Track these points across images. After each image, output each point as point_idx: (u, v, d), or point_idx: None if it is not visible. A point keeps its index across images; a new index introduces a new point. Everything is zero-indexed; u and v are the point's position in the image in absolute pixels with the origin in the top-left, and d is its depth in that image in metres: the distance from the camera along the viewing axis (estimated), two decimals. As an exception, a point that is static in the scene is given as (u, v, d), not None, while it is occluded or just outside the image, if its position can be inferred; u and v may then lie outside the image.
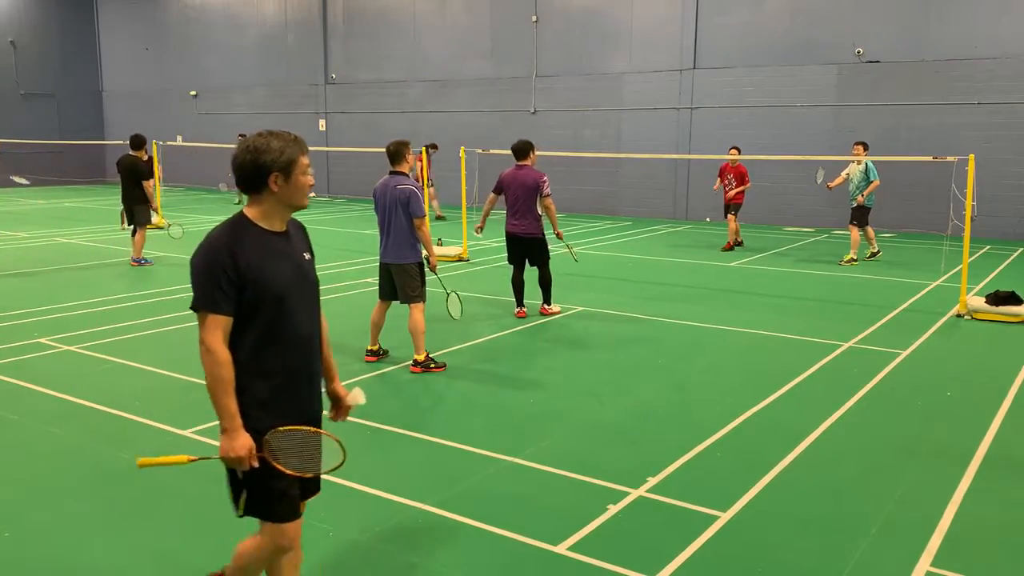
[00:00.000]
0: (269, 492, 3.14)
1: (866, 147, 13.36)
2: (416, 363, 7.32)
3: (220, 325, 2.95)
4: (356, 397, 3.48)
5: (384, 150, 7.46)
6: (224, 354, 2.96)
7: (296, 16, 26.94)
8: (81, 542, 4.37)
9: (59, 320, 9.22)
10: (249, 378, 3.04)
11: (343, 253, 14.27)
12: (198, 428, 5.89)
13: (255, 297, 2.99)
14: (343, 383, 3.66)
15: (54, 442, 5.73)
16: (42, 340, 8.28)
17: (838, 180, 13.61)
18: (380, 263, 7.48)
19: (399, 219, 7.21)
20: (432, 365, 7.33)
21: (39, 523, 4.56)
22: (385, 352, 7.76)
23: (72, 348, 8.04)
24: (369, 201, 19.15)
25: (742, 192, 14.82)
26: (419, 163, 18.58)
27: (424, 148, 15.03)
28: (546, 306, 9.60)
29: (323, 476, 3.36)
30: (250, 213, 3.10)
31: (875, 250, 13.82)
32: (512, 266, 9.54)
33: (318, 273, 3.55)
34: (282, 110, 27.49)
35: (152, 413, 6.19)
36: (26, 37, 30.16)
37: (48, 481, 5.11)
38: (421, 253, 7.36)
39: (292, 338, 3.13)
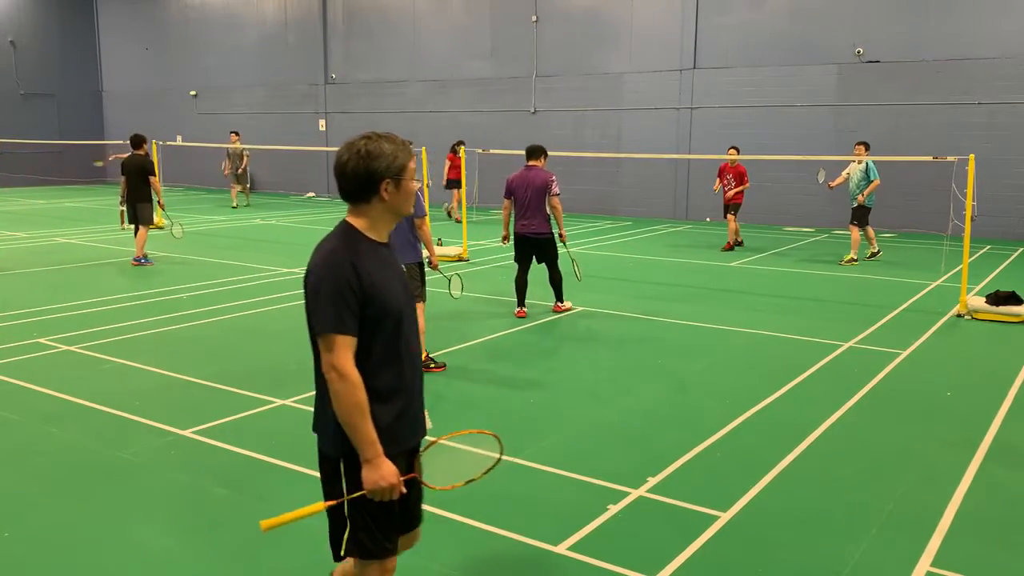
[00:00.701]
0: (380, 527, 2.93)
1: (867, 147, 13.36)
2: None
3: (350, 346, 2.73)
4: (424, 422, 3.17)
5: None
6: (358, 377, 2.73)
7: (296, 16, 26.94)
8: (81, 542, 4.37)
9: (59, 320, 9.22)
10: (373, 403, 2.80)
11: (343, 253, 14.25)
12: (198, 428, 5.90)
13: (377, 314, 2.78)
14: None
15: (54, 442, 5.73)
16: (42, 340, 8.28)
17: (839, 180, 13.61)
18: None
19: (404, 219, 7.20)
20: (432, 365, 7.32)
21: (39, 523, 4.56)
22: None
23: (72, 348, 8.04)
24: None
25: (741, 192, 14.82)
26: (448, 163, 18.63)
27: (457, 146, 15.14)
28: (559, 304, 9.66)
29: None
30: (357, 223, 2.86)
31: (875, 250, 13.82)
32: (517, 265, 9.56)
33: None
34: (282, 110, 27.49)
35: (152, 413, 6.19)
36: (26, 37, 30.16)
37: (48, 481, 5.11)
38: (421, 253, 7.35)
39: (408, 356, 2.93)
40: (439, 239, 14.23)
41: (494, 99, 23.20)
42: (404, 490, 2.85)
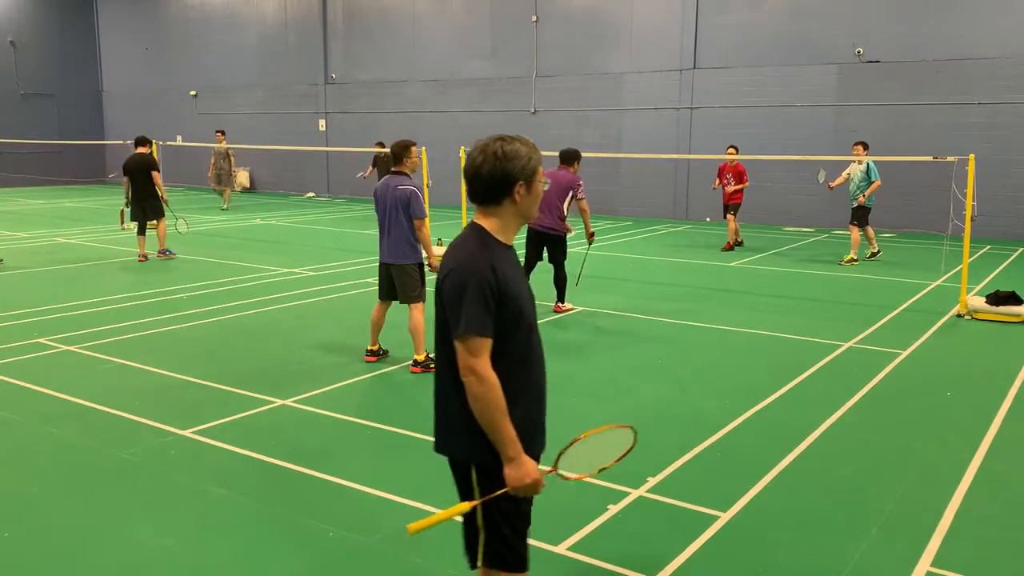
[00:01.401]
0: (519, 535, 2.91)
1: (866, 147, 13.35)
2: (416, 363, 7.31)
3: (488, 349, 2.70)
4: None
5: (385, 150, 7.51)
6: (496, 379, 2.70)
7: (296, 16, 26.94)
8: (81, 542, 4.37)
9: (59, 320, 9.22)
10: (508, 407, 2.76)
11: (343, 253, 14.27)
12: (198, 428, 5.90)
13: (513, 316, 2.76)
14: (343, 383, 3.66)
15: (54, 442, 5.73)
16: (42, 340, 8.28)
17: (839, 180, 13.61)
18: (380, 263, 7.48)
19: (399, 220, 7.20)
20: (432, 365, 7.27)
21: (39, 523, 4.56)
22: (385, 352, 7.75)
23: (72, 348, 8.04)
24: (369, 200, 19.22)
25: (741, 191, 14.82)
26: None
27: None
28: (560, 304, 9.71)
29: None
30: (487, 225, 2.84)
31: (875, 250, 13.81)
32: (525, 261, 9.62)
33: (320, 273, 3.51)
34: (282, 110, 27.49)
35: (152, 413, 6.19)
36: (26, 37, 30.16)
37: (48, 481, 5.11)
38: (421, 254, 7.36)
39: (538, 359, 2.91)
40: (439, 239, 14.22)
41: (494, 99, 23.20)
42: (544, 485, 2.82)
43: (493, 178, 2.79)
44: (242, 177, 28.28)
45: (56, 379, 7.01)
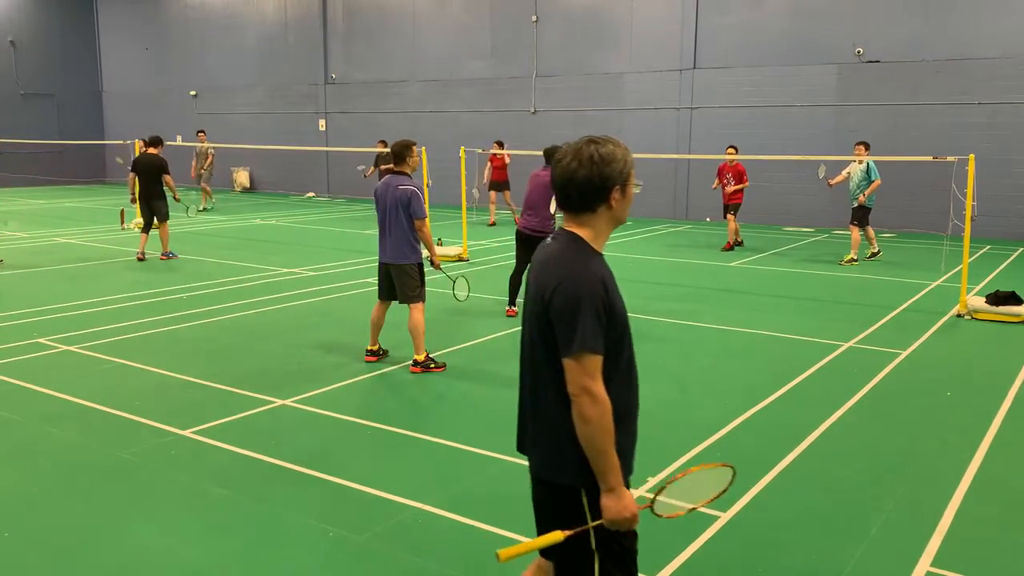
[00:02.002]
0: (631, 555, 2.77)
1: (867, 147, 13.35)
2: (416, 363, 7.30)
3: (600, 367, 2.54)
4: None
5: (385, 150, 7.50)
6: (608, 400, 2.56)
7: (296, 16, 26.94)
8: (81, 542, 4.37)
9: (59, 320, 9.22)
10: (615, 429, 2.62)
11: (343, 253, 14.27)
12: (198, 428, 5.90)
13: (620, 332, 2.63)
14: (343, 383, 3.66)
15: (54, 442, 5.73)
16: (42, 340, 8.28)
17: (839, 178, 13.60)
18: (379, 263, 7.47)
19: (399, 220, 7.19)
20: (432, 365, 7.31)
21: (39, 523, 4.56)
22: (385, 352, 7.75)
23: (72, 348, 8.04)
24: (369, 201, 19.14)
25: (741, 191, 14.82)
26: (488, 165, 18.71)
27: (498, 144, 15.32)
28: None
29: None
30: (583, 234, 2.69)
31: (875, 250, 13.81)
32: (516, 262, 9.61)
33: (320, 273, 3.49)
34: (282, 110, 27.49)
35: (152, 413, 6.19)
36: (26, 37, 30.16)
37: (48, 481, 5.11)
38: (421, 254, 7.34)
39: (637, 378, 2.79)
40: (439, 239, 14.22)
41: (494, 99, 23.19)
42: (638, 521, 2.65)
43: (590, 184, 2.62)
44: (242, 177, 28.27)
45: (56, 379, 7.01)
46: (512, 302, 9.59)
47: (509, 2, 22.68)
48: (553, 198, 9.30)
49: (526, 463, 5.34)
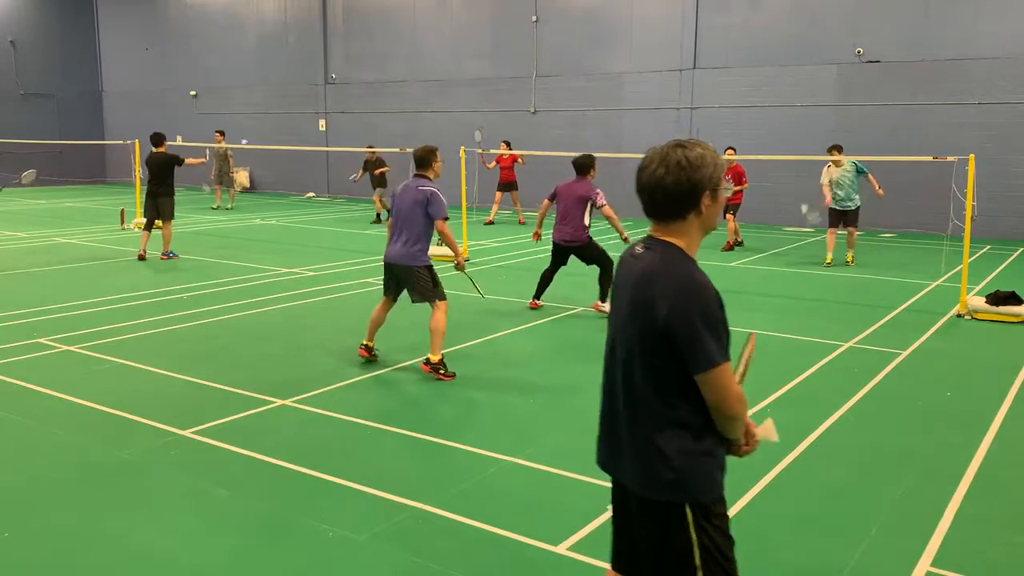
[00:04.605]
0: (732, 568, 2.75)
1: (840, 149, 13.27)
2: (428, 362, 7.14)
3: (732, 371, 2.56)
4: (768, 431, 2.94)
5: (385, 150, 7.47)
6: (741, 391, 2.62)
7: (296, 16, 26.94)
8: (81, 542, 4.36)
9: (59, 320, 9.21)
10: (714, 439, 2.63)
11: (343, 253, 14.27)
12: (198, 428, 5.90)
13: (727, 340, 2.58)
14: (343, 383, 3.65)
15: (54, 442, 5.73)
16: (42, 340, 8.28)
17: (827, 197, 13.30)
18: (384, 261, 7.36)
19: (414, 220, 7.07)
20: (442, 371, 7.09)
21: (39, 523, 4.56)
22: (375, 355, 7.59)
23: (72, 348, 8.04)
24: (367, 201, 18.98)
25: (741, 192, 14.86)
26: (497, 163, 18.73)
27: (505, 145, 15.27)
28: (599, 303, 9.64)
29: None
30: (677, 243, 2.60)
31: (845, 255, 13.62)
32: (550, 263, 9.78)
33: (320, 273, 3.48)
34: (282, 110, 27.50)
35: (152, 413, 6.19)
36: (26, 37, 30.16)
37: (48, 481, 5.11)
38: (428, 256, 7.20)
39: None
40: (439, 240, 14.20)
41: (494, 99, 23.19)
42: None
43: (679, 190, 2.52)
44: (242, 177, 28.26)
45: (56, 379, 7.01)
46: (537, 296, 9.70)
47: (509, 2, 22.68)
48: (587, 209, 9.36)
49: (527, 463, 5.36)
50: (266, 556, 4.20)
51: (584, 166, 9.64)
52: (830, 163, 13.27)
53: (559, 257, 9.73)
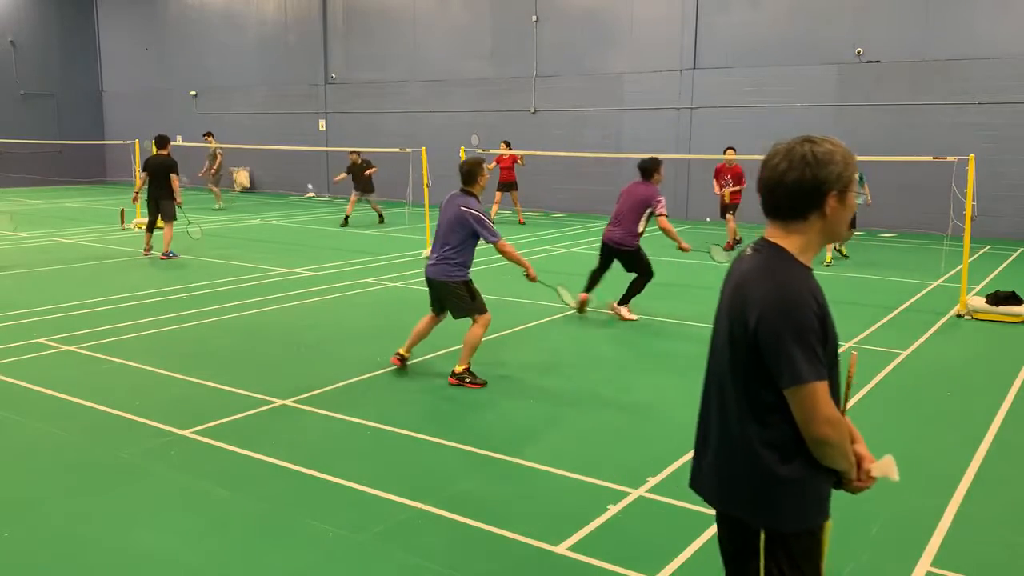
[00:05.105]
0: None
1: None
2: (454, 373, 6.99)
3: (827, 391, 2.32)
4: (887, 468, 2.66)
5: (385, 149, 7.41)
6: (841, 417, 2.41)
7: (296, 16, 26.94)
8: (81, 542, 4.37)
9: (59, 320, 9.22)
10: (806, 465, 2.39)
11: (343, 253, 14.27)
12: (198, 428, 5.90)
13: (832, 354, 2.38)
14: (343, 383, 3.65)
15: (54, 442, 5.73)
16: (42, 340, 8.28)
17: None
18: (425, 276, 7.17)
19: (454, 235, 6.90)
20: (468, 380, 6.95)
21: (39, 523, 4.56)
22: (406, 364, 7.34)
23: (72, 348, 8.04)
24: (364, 202, 18.95)
25: (740, 192, 14.90)
26: (495, 165, 18.66)
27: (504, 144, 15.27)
28: (616, 304, 9.41)
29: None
30: (788, 245, 2.39)
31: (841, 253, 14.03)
32: (598, 263, 9.67)
33: (320, 273, 3.47)
34: (282, 110, 27.50)
35: (152, 413, 6.19)
36: (26, 37, 30.16)
37: (48, 481, 5.11)
38: (467, 272, 7.03)
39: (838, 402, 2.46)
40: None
41: (494, 99, 23.19)
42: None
43: (801, 188, 2.33)
44: (242, 177, 28.28)
45: (56, 379, 7.01)
46: (586, 289, 9.53)
47: (509, 2, 22.68)
48: (645, 215, 9.13)
49: (527, 463, 5.36)
50: (266, 556, 4.20)
51: (648, 169, 9.36)
52: None
53: (606, 258, 9.54)
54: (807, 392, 2.27)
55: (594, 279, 9.62)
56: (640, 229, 9.28)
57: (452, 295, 7.00)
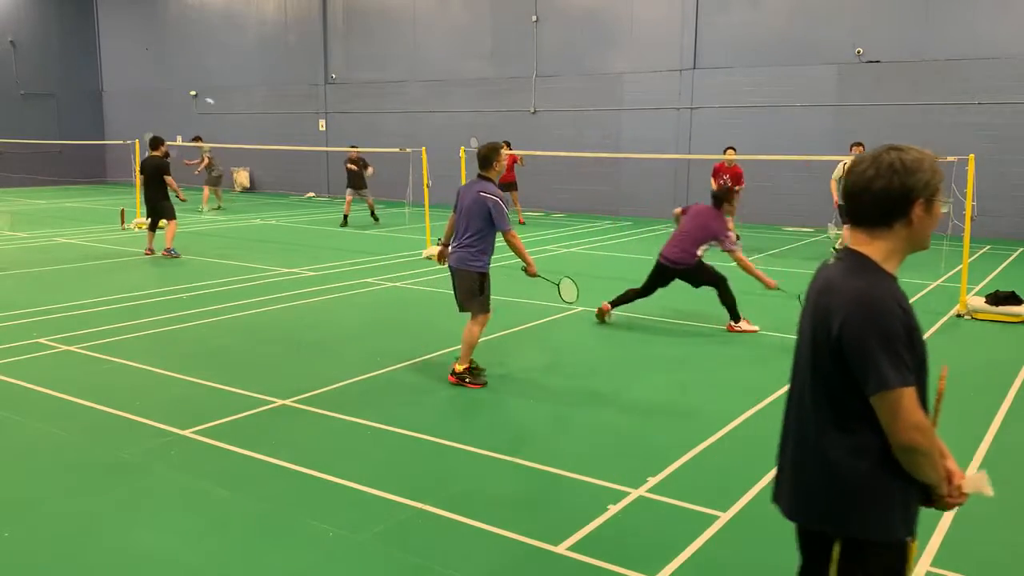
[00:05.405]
0: None
1: (863, 147, 13.46)
2: (454, 372, 6.95)
3: (914, 398, 2.28)
4: (979, 484, 2.53)
5: (385, 149, 7.40)
6: (930, 424, 2.36)
7: (296, 16, 26.94)
8: (81, 542, 4.36)
9: (59, 320, 9.21)
10: (891, 475, 2.34)
11: (343, 253, 14.27)
12: (198, 428, 5.90)
13: (920, 361, 2.36)
14: (343, 383, 3.65)
15: (54, 442, 5.73)
16: (42, 340, 8.28)
17: (835, 196, 13.64)
18: (449, 267, 7.11)
19: (472, 224, 6.84)
20: (468, 380, 6.92)
21: (39, 523, 4.56)
22: (479, 370, 7.09)
23: (72, 348, 8.04)
24: (360, 201, 18.93)
25: (737, 192, 14.88)
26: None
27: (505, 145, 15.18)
28: (732, 323, 8.97)
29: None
30: (871, 253, 2.40)
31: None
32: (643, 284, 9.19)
33: (320, 273, 3.46)
34: (282, 110, 27.50)
35: (152, 413, 6.19)
36: (26, 37, 30.16)
37: (48, 481, 5.11)
38: (488, 263, 6.97)
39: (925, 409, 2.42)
40: (439, 240, 14.20)
41: (494, 99, 23.20)
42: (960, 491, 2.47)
43: (888, 195, 2.32)
44: (242, 177, 28.28)
45: (56, 379, 7.01)
46: (613, 301, 9.15)
47: (509, 2, 22.68)
48: (705, 244, 8.87)
49: (527, 463, 5.36)
50: (266, 556, 4.20)
51: (720, 199, 9.15)
52: (848, 159, 13.49)
53: (657, 280, 9.05)
54: (894, 398, 2.25)
55: (628, 296, 9.16)
56: (699, 253, 8.93)
57: (466, 283, 6.94)
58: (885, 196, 2.33)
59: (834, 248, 13.69)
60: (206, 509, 4.72)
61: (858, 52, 18.20)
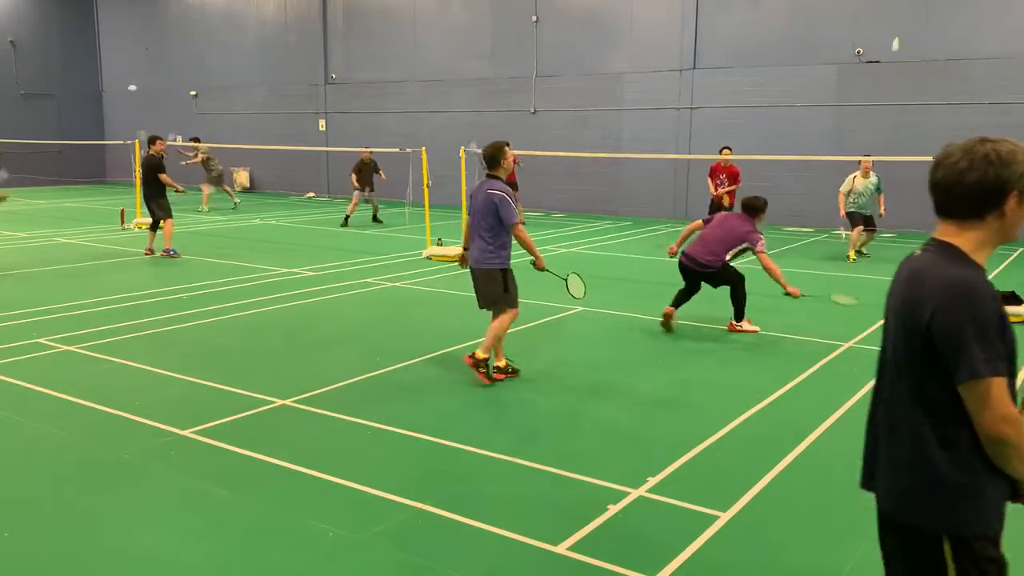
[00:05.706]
0: None
1: (871, 162, 13.91)
2: (472, 355, 6.95)
3: (1004, 388, 2.24)
4: None
5: (385, 149, 7.40)
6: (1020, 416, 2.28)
7: (296, 16, 26.94)
8: (81, 542, 4.37)
9: (59, 320, 9.22)
10: (982, 467, 2.30)
11: (342, 253, 14.27)
12: (198, 428, 5.90)
13: (1010, 355, 2.30)
14: (343, 383, 3.65)
15: (54, 442, 5.73)
16: (42, 340, 8.28)
17: (841, 208, 13.91)
18: (470, 268, 7.15)
19: (486, 222, 6.89)
20: (482, 370, 6.91)
21: (39, 523, 4.56)
22: (515, 371, 7.19)
23: (72, 348, 8.04)
24: (368, 201, 18.94)
25: (733, 192, 14.96)
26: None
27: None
28: (733, 322, 8.99)
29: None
30: (961, 243, 2.36)
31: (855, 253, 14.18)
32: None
33: (320, 273, 3.46)
34: (282, 110, 27.50)
35: (152, 413, 6.19)
36: (26, 37, 30.16)
37: (48, 481, 5.11)
38: (508, 259, 7.03)
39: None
40: (439, 239, 14.23)
41: (494, 99, 23.20)
42: None
43: (982, 187, 2.29)
44: (242, 177, 28.28)
45: (56, 379, 7.01)
46: (674, 303, 9.01)
47: (509, 2, 22.68)
48: (735, 249, 8.79)
49: (527, 463, 5.36)
50: (266, 556, 4.20)
51: (754, 208, 8.98)
52: (857, 173, 13.79)
53: (691, 281, 9.02)
54: (983, 388, 2.22)
55: (681, 296, 9.06)
56: (727, 258, 8.87)
57: (489, 281, 6.97)
58: (979, 188, 2.31)
59: (858, 251, 13.93)
60: (206, 509, 4.72)
61: (858, 52, 18.21)
